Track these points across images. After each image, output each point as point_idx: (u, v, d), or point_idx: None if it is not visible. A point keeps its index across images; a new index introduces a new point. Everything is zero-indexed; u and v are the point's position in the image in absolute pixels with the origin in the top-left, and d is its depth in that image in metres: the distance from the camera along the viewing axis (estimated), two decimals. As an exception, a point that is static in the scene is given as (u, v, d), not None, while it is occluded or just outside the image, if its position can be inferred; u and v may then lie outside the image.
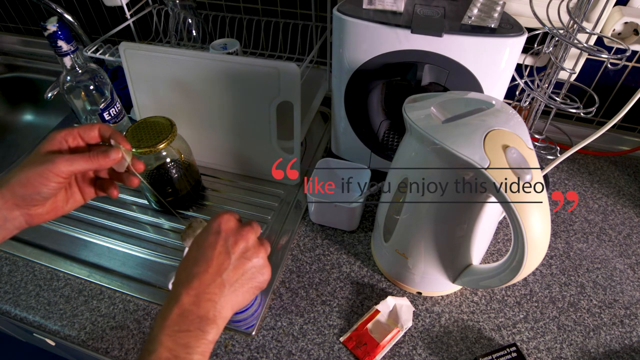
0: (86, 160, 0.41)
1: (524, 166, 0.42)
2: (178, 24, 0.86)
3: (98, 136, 0.44)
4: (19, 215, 0.40)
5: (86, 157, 0.41)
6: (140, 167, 0.45)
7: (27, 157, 0.40)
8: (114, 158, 0.42)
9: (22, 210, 0.40)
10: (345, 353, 0.56)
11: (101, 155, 0.41)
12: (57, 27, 0.64)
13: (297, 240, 0.70)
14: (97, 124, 0.45)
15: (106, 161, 0.42)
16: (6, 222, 0.40)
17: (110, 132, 0.44)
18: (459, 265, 0.55)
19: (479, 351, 0.56)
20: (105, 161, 0.41)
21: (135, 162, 0.45)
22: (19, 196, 0.39)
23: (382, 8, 0.58)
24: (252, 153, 0.76)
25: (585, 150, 0.83)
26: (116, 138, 0.44)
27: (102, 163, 0.41)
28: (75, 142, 0.43)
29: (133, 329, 0.59)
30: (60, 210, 0.44)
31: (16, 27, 1.16)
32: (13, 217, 0.40)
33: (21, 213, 0.40)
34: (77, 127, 0.43)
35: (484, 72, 0.57)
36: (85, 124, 0.44)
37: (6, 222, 0.40)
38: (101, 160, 0.41)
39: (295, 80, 0.64)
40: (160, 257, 0.68)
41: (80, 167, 0.40)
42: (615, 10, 0.67)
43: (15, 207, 0.40)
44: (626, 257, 0.67)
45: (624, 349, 0.57)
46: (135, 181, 0.46)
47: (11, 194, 0.39)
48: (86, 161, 0.41)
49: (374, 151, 0.73)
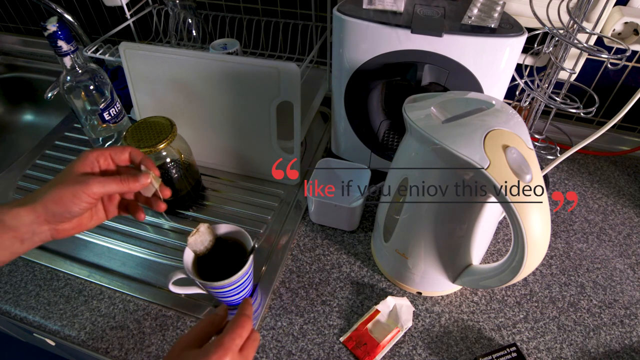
0: (117, 183, 0.43)
1: (524, 166, 0.42)
2: (178, 24, 0.86)
3: (128, 159, 0.46)
4: (47, 229, 0.42)
5: (118, 180, 0.43)
6: (168, 193, 0.47)
7: (60, 175, 0.42)
8: (143, 183, 0.44)
9: (50, 226, 0.42)
10: (345, 353, 0.56)
11: (132, 179, 0.43)
12: (57, 27, 0.64)
13: (297, 240, 0.70)
14: (129, 147, 0.47)
15: (135, 185, 0.44)
16: (34, 235, 0.41)
17: (140, 157, 0.46)
18: (459, 265, 0.55)
19: (479, 351, 0.56)
20: (135, 185, 0.44)
21: (163, 189, 0.47)
22: (51, 213, 0.41)
23: (382, 8, 0.58)
24: (252, 153, 0.76)
25: (585, 150, 0.83)
26: (146, 164, 0.46)
27: (132, 187, 0.44)
28: (106, 163, 0.45)
29: (133, 329, 0.59)
30: (83, 226, 0.46)
31: (16, 27, 1.16)
32: (41, 231, 0.42)
33: (49, 228, 0.42)
34: (109, 149, 0.45)
35: (484, 72, 0.57)
36: (117, 147, 0.46)
37: (34, 235, 0.41)
38: (131, 184, 0.43)
39: (295, 80, 0.64)
40: (160, 257, 0.68)
41: (112, 189, 0.43)
42: (615, 10, 0.67)
43: (44, 222, 0.41)
44: (626, 257, 0.67)
45: (624, 349, 0.57)
46: (162, 206, 0.48)
47: (44, 210, 0.41)
48: (117, 184, 0.43)
49: (374, 151, 0.73)
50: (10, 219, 0.40)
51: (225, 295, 0.56)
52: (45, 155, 0.86)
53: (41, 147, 0.87)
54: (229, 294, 0.56)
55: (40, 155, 0.86)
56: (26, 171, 0.83)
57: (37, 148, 0.87)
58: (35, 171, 0.82)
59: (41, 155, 0.86)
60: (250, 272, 0.57)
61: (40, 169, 0.83)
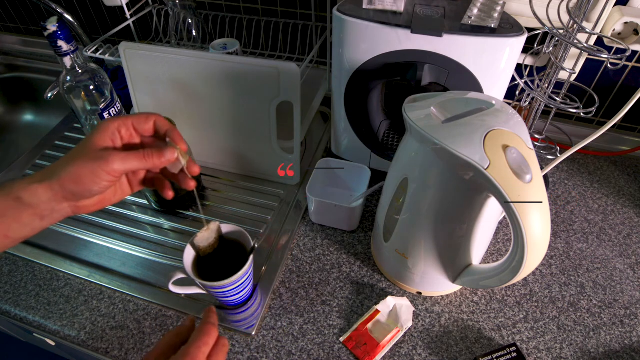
0: (140, 159, 0.39)
1: (524, 166, 0.42)
2: (178, 24, 0.86)
3: (153, 129, 0.42)
4: (67, 206, 0.39)
5: (140, 155, 0.39)
6: (196, 170, 0.43)
7: (79, 148, 0.39)
8: (169, 158, 0.40)
9: (70, 202, 0.39)
10: (345, 353, 0.56)
11: (156, 154, 0.39)
12: (57, 27, 0.64)
13: (297, 240, 0.70)
14: (154, 115, 0.42)
15: (161, 161, 0.40)
16: (53, 212, 0.39)
17: (166, 127, 0.42)
18: (459, 265, 0.55)
19: (479, 351, 0.56)
20: (160, 161, 0.39)
21: (191, 165, 0.42)
22: (69, 191, 0.38)
23: (382, 8, 0.58)
24: (252, 153, 0.76)
25: (585, 150, 0.83)
26: (172, 136, 0.41)
27: (157, 163, 0.39)
28: (128, 134, 0.41)
29: (133, 329, 0.59)
30: (107, 201, 0.42)
31: (16, 27, 1.16)
32: (61, 208, 0.39)
33: (69, 204, 0.39)
34: (132, 117, 0.41)
35: (484, 72, 0.57)
36: (141, 115, 0.41)
37: (53, 212, 0.39)
38: (155, 159, 0.39)
39: (295, 80, 0.64)
40: (160, 257, 0.68)
41: (133, 166, 0.39)
42: (615, 10, 0.67)
43: (63, 200, 0.39)
44: (626, 257, 0.67)
45: (624, 349, 0.57)
46: (191, 184, 0.43)
47: (61, 188, 0.38)
48: (140, 160, 0.39)
49: (374, 151, 0.73)
50: (28, 196, 0.37)
51: (225, 295, 0.56)
52: (45, 155, 0.86)
53: (41, 147, 0.87)
54: (229, 294, 0.56)
55: (40, 155, 0.86)
56: (26, 171, 0.83)
57: (37, 148, 0.87)
58: (36, 171, 0.82)
59: (41, 155, 0.86)
60: (250, 272, 0.57)
61: (40, 169, 0.82)
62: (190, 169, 0.42)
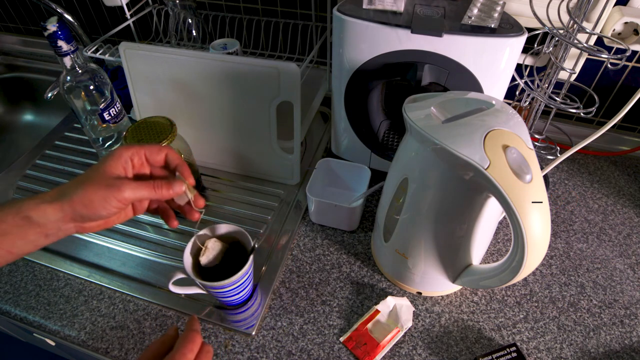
0: (150, 189, 0.41)
1: (524, 166, 0.42)
2: (178, 24, 0.86)
3: (163, 161, 0.44)
4: (72, 227, 0.41)
5: (150, 186, 0.41)
6: (201, 203, 0.45)
7: (91, 173, 0.41)
8: (177, 191, 0.42)
9: (76, 223, 0.41)
10: (345, 353, 0.56)
11: (165, 186, 0.41)
12: (57, 27, 0.64)
13: (297, 240, 0.70)
14: (166, 148, 0.45)
15: (169, 193, 0.42)
16: (59, 231, 0.41)
17: (177, 161, 0.44)
18: (459, 265, 0.55)
19: (479, 351, 0.56)
20: (169, 193, 0.42)
21: (197, 199, 0.45)
22: (79, 214, 0.40)
23: (382, 8, 0.58)
24: (252, 153, 0.76)
25: (585, 150, 0.83)
26: (182, 171, 0.44)
27: (165, 194, 0.42)
28: (140, 163, 0.43)
29: (133, 329, 0.59)
30: (110, 223, 0.44)
31: (16, 27, 1.16)
32: (66, 228, 0.41)
33: (74, 225, 0.41)
34: (145, 148, 0.43)
35: (484, 72, 0.57)
36: (154, 146, 0.44)
37: (59, 231, 0.41)
38: (164, 191, 0.41)
39: (295, 80, 0.64)
40: (160, 257, 0.68)
41: (143, 196, 0.41)
42: (615, 10, 0.67)
43: (71, 220, 0.40)
44: (626, 257, 0.67)
45: (624, 349, 0.57)
46: (195, 215, 0.46)
47: (71, 210, 0.39)
48: (149, 191, 0.41)
49: (374, 151, 0.73)
50: (37, 215, 0.39)
51: (225, 295, 0.56)
52: (45, 155, 0.86)
53: (41, 147, 0.87)
54: (229, 294, 0.56)
55: (40, 155, 0.86)
56: (26, 171, 0.83)
57: (37, 148, 0.87)
58: (35, 171, 0.82)
59: (41, 155, 0.86)
60: (250, 272, 0.57)
61: (40, 169, 0.83)
62: (196, 203, 0.45)
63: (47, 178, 0.81)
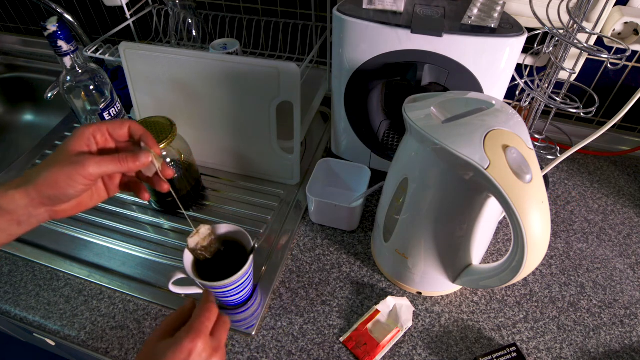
0: (115, 163, 0.40)
1: (524, 166, 0.42)
2: (178, 24, 0.86)
3: (127, 134, 0.43)
4: (44, 211, 0.40)
5: (115, 159, 0.40)
6: (169, 173, 0.45)
7: (55, 155, 0.40)
8: (144, 162, 0.41)
9: (47, 207, 0.40)
10: (345, 353, 0.56)
11: (130, 158, 0.41)
12: (57, 27, 0.64)
13: (297, 240, 0.70)
14: (128, 121, 0.43)
15: (135, 165, 0.41)
16: (30, 218, 0.40)
17: (141, 132, 0.43)
18: (459, 265, 0.55)
19: (479, 351, 0.56)
20: (135, 165, 0.41)
21: (165, 169, 0.44)
22: (46, 196, 0.39)
23: (382, 8, 0.58)
24: (252, 153, 0.76)
25: (585, 150, 0.83)
26: (147, 141, 0.43)
27: (131, 166, 0.41)
28: (104, 139, 0.42)
29: (133, 329, 0.59)
30: (84, 205, 0.43)
31: (16, 27, 1.16)
32: (38, 214, 0.40)
33: (46, 210, 0.40)
34: (107, 124, 0.42)
35: (484, 72, 0.57)
36: (115, 121, 0.43)
37: (30, 218, 0.40)
38: (130, 163, 0.41)
39: (295, 80, 0.64)
40: (160, 257, 0.68)
41: (109, 169, 0.40)
42: (615, 10, 0.67)
43: (40, 205, 0.39)
44: (626, 257, 0.67)
45: (624, 349, 0.57)
46: (164, 186, 0.45)
47: (37, 193, 0.39)
48: (115, 164, 0.40)
49: (374, 151, 0.73)
50: (6, 202, 0.38)
51: (225, 295, 0.56)
52: (45, 155, 0.86)
53: (41, 147, 0.87)
54: (229, 294, 0.56)
55: (40, 155, 0.86)
56: (26, 171, 0.82)
57: (37, 148, 0.87)
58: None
59: (41, 155, 0.86)
60: (250, 272, 0.57)
61: (40, 169, 0.83)
62: (164, 172, 0.44)
63: (47, 178, 0.81)
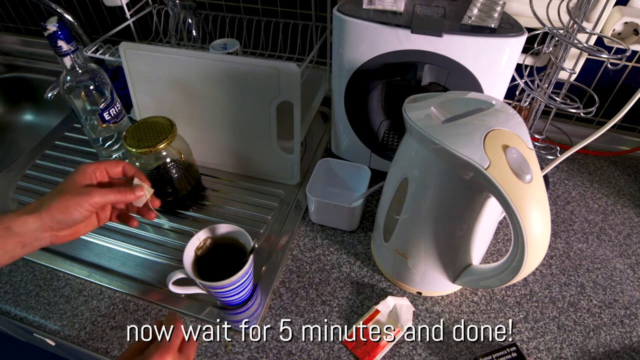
0: (115, 194, 0.48)
1: (524, 166, 0.42)
2: (178, 24, 0.86)
3: (121, 172, 0.51)
4: (48, 236, 0.46)
5: (116, 191, 0.48)
6: (157, 203, 0.52)
7: (64, 186, 0.47)
8: (138, 195, 0.49)
9: (51, 232, 0.46)
10: (345, 353, 0.56)
11: (128, 191, 0.49)
12: (57, 27, 0.64)
13: (297, 240, 0.70)
14: (122, 162, 0.52)
15: (131, 196, 0.49)
16: (35, 241, 0.45)
17: (133, 171, 0.52)
18: (459, 265, 0.55)
19: (479, 351, 0.56)
20: (131, 196, 0.49)
21: (154, 199, 0.52)
22: (56, 220, 0.45)
23: (382, 8, 0.58)
24: (252, 153, 0.76)
25: (585, 150, 0.83)
26: (139, 177, 0.51)
27: (128, 198, 0.49)
28: (101, 176, 0.50)
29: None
30: (79, 232, 0.50)
31: (16, 27, 1.16)
32: (42, 237, 0.45)
33: (50, 234, 0.46)
34: (105, 163, 0.50)
35: (484, 72, 0.57)
36: (111, 161, 0.51)
37: (35, 241, 0.45)
38: (128, 195, 0.49)
39: (295, 80, 0.64)
40: (160, 257, 0.68)
41: (110, 199, 0.47)
42: (615, 10, 0.67)
43: (48, 229, 0.45)
44: (626, 257, 0.67)
45: (624, 349, 0.57)
46: (152, 215, 0.52)
47: (49, 218, 0.44)
48: (115, 195, 0.48)
49: (374, 151, 0.73)
50: (17, 226, 0.43)
51: (225, 295, 0.56)
52: (45, 155, 0.86)
53: (41, 147, 0.87)
54: (229, 294, 0.56)
55: (40, 155, 0.86)
56: (26, 171, 0.82)
57: (37, 148, 0.87)
58: (35, 171, 0.82)
59: (41, 155, 0.86)
60: (250, 272, 0.57)
61: (40, 169, 0.83)
62: (153, 203, 0.52)
63: (47, 178, 0.81)
